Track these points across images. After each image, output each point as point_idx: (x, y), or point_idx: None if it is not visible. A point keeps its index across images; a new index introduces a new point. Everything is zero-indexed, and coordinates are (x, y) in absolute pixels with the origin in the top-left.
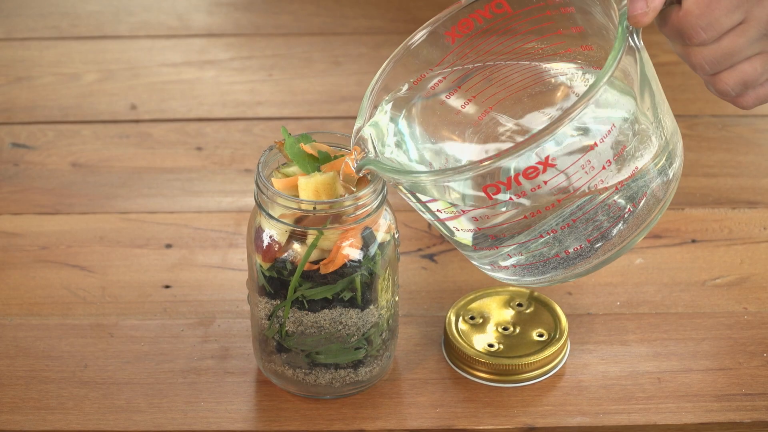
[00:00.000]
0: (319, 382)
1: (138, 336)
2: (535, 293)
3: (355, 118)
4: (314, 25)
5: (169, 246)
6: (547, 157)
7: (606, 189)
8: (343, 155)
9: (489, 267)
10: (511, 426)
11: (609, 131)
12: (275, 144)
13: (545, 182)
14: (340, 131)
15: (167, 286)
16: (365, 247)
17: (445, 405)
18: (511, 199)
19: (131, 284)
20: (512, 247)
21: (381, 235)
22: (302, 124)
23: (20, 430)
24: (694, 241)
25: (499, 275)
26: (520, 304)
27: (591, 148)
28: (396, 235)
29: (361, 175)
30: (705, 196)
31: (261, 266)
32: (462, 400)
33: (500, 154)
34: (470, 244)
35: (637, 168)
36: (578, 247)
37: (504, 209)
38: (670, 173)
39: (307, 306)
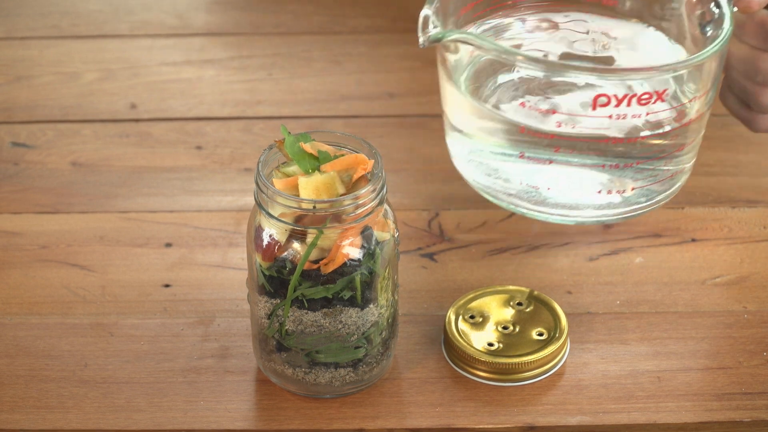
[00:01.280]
0: (318, 381)
1: (138, 335)
2: (535, 292)
3: (354, 116)
4: (314, 24)
5: (169, 245)
6: (664, 90)
7: (678, 143)
8: (343, 154)
9: (506, 183)
10: (511, 425)
11: (706, 91)
12: (275, 143)
13: (647, 113)
14: (340, 130)
15: (167, 286)
16: (365, 246)
17: (445, 404)
18: (610, 116)
19: (131, 283)
20: (563, 167)
21: (381, 234)
22: (302, 123)
23: (20, 429)
24: (693, 240)
25: (503, 196)
26: (519, 303)
27: (690, 100)
28: (396, 234)
29: (435, 44)
30: (705, 195)
31: (261, 265)
32: (462, 399)
33: (654, 68)
34: (518, 148)
35: (695, 139)
36: (621, 191)
37: (593, 125)
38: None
39: (306, 305)
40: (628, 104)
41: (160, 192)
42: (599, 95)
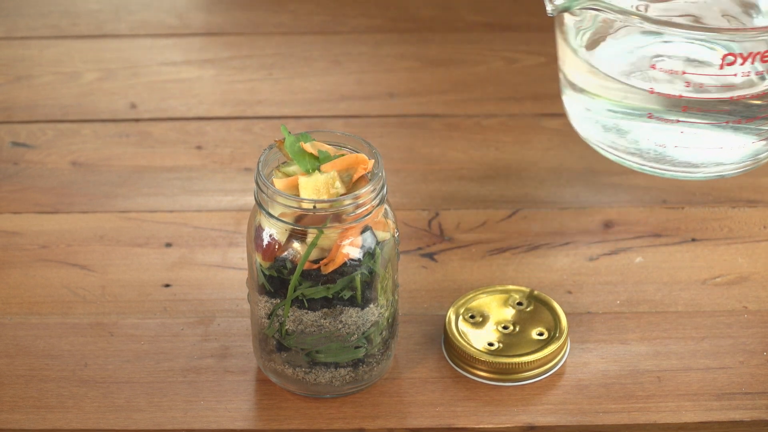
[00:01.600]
0: (319, 381)
1: (138, 335)
2: (535, 292)
3: (354, 116)
4: (314, 23)
5: (169, 245)
6: None
7: None
8: (343, 154)
9: (632, 143)
10: (511, 425)
11: None
12: (275, 143)
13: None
14: (340, 130)
15: (167, 285)
16: (365, 245)
17: (445, 404)
18: (735, 75)
19: (131, 283)
20: (694, 125)
21: (381, 234)
22: (302, 122)
23: (20, 429)
24: (694, 240)
25: (627, 154)
26: (519, 303)
27: None
28: (396, 234)
29: (563, 13)
30: (705, 194)
31: (261, 265)
32: (462, 399)
33: None
34: (647, 108)
35: None
36: (743, 146)
37: (719, 83)
38: None
39: (307, 305)
40: (753, 62)
41: (160, 192)
42: (727, 54)
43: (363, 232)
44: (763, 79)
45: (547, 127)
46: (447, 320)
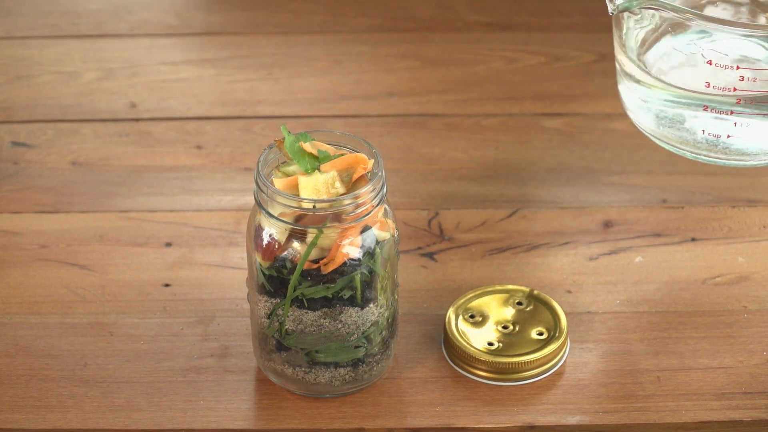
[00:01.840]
0: (318, 381)
1: (138, 334)
2: (535, 292)
3: (354, 116)
4: (314, 23)
5: (168, 245)
6: None
7: None
8: (343, 154)
9: (682, 132)
10: (511, 424)
11: None
12: (275, 142)
13: None
14: (340, 130)
15: (167, 285)
16: (365, 245)
17: (445, 403)
18: None
19: (131, 283)
20: (747, 118)
21: (380, 234)
22: (302, 122)
23: (20, 429)
24: (693, 239)
25: (676, 141)
26: (519, 303)
27: None
28: (395, 234)
29: (625, 12)
30: (705, 194)
31: (261, 265)
32: (462, 399)
33: None
34: (702, 102)
35: None
36: None
37: None
38: None
39: (306, 304)
40: None
41: (160, 191)
42: None
43: (363, 231)
44: None
45: (547, 127)
46: (447, 320)
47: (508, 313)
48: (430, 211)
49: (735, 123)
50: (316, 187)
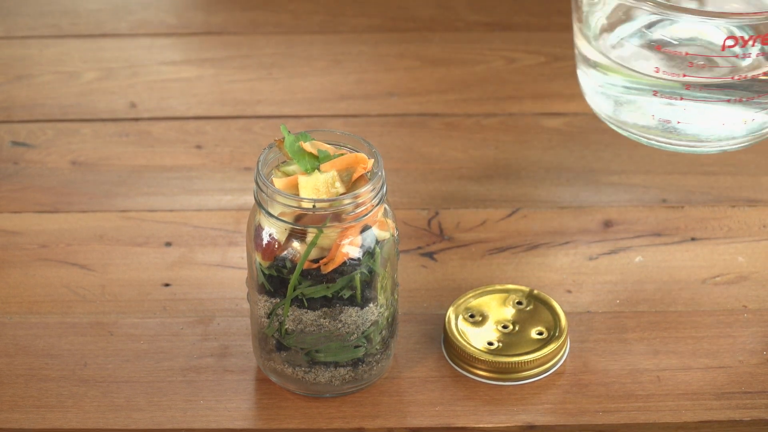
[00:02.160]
0: (318, 381)
1: (137, 334)
2: (535, 291)
3: (354, 116)
4: (314, 23)
5: (168, 244)
6: None
7: None
8: (343, 153)
9: (637, 115)
10: (511, 424)
11: None
12: (275, 142)
13: None
14: (340, 129)
15: (167, 285)
16: (365, 245)
17: (445, 403)
18: (737, 56)
19: (131, 282)
20: (697, 103)
21: (380, 234)
22: (302, 122)
23: (20, 429)
24: (693, 239)
25: (633, 128)
26: (519, 302)
27: None
28: (395, 234)
29: None
30: (704, 194)
31: (260, 264)
32: (461, 399)
33: None
34: (652, 86)
35: None
36: (741, 123)
37: (721, 64)
38: None
39: (306, 304)
40: (753, 44)
41: (160, 191)
42: (728, 37)
43: (362, 231)
44: (764, 58)
45: (547, 127)
46: (446, 319)
47: (508, 312)
48: (429, 211)
49: (685, 108)
50: (315, 186)
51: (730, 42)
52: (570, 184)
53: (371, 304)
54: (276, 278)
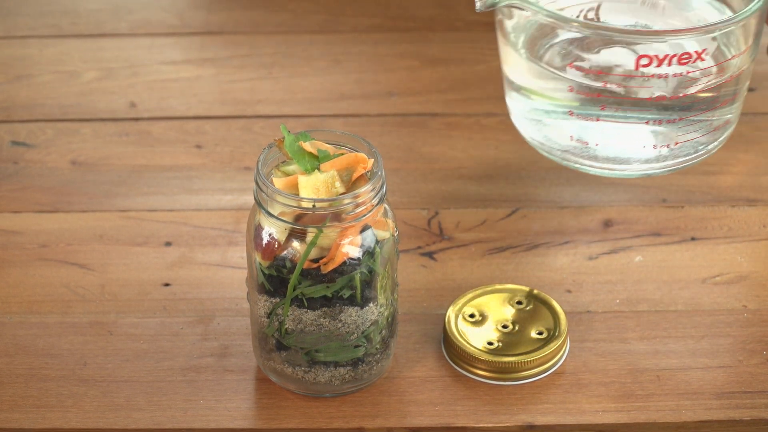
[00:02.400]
0: (318, 380)
1: (137, 334)
2: (535, 291)
3: (354, 115)
4: (314, 23)
5: (168, 244)
6: (704, 50)
7: (719, 101)
8: (343, 153)
9: (557, 137)
10: (511, 424)
11: (749, 47)
12: (275, 142)
13: (687, 72)
14: (340, 129)
15: (167, 284)
16: (364, 245)
17: (445, 403)
18: (652, 76)
19: (131, 282)
20: (611, 123)
21: (380, 233)
22: (302, 122)
23: (20, 428)
24: (693, 239)
25: (556, 150)
26: (519, 302)
27: (732, 57)
28: (395, 233)
29: (491, 9)
30: (704, 193)
31: (260, 264)
32: (461, 398)
33: (692, 29)
34: (568, 106)
35: (737, 94)
36: (663, 146)
37: (637, 84)
38: (741, 105)
39: (306, 304)
40: (669, 64)
41: (160, 191)
42: (641, 56)
43: (362, 231)
44: (682, 79)
45: None
46: (446, 319)
47: (508, 312)
48: (429, 211)
49: (602, 130)
50: (315, 186)
51: (644, 61)
52: (570, 183)
53: (371, 304)
54: (276, 278)
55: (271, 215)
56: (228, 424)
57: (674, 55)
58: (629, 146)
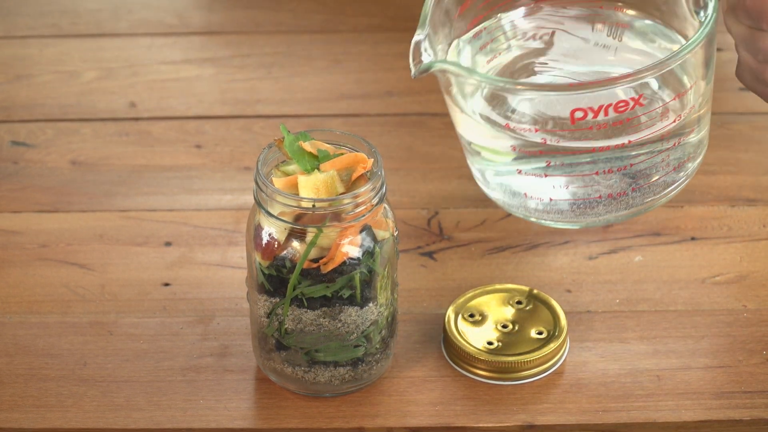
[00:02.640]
0: (318, 380)
1: (137, 334)
2: (534, 291)
3: (354, 115)
4: (314, 22)
5: (168, 244)
6: (640, 96)
7: (669, 142)
8: (343, 153)
9: (516, 197)
10: (511, 423)
11: (690, 87)
12: (275, 142)
13: (628, 119)
14: (340, 129)
15: (166, 284)
16: (364, 244)
17: (445, 403)
18: (591, 128)
19: (130, 282)
20: (559, 177)
21: (380, 233)
22: (302, 121)
23: (19, 428)
24: (693, 238)
25: (517, 206)
26: (519, 302)
27: (674, 98)
28: (395, 233)
29: (425, 74)
30: (704, 193)
31: (260, 264)
32: (461, 398)
33: (618, 78)
34: (514, 165)
35: (693, 129)
36: (621, 193)
37: (577, 136)
38: (705, 141)
39: (306, 304)
40: (605, 114)
41: (160, 191)
42: (575, 110)
43: (362, 231)
44: (627, 127)
45: None
46: (446, 319)
47: (508, 312)
48: (429, 211)
49: (553, 186)
50: (315, 186)
51: (578, 114)
52: None
53: (371, 304)
54: (276, 278)
55: (270, 215)
56: (228, 424)
57: (609, 105)
58: (584, 199)
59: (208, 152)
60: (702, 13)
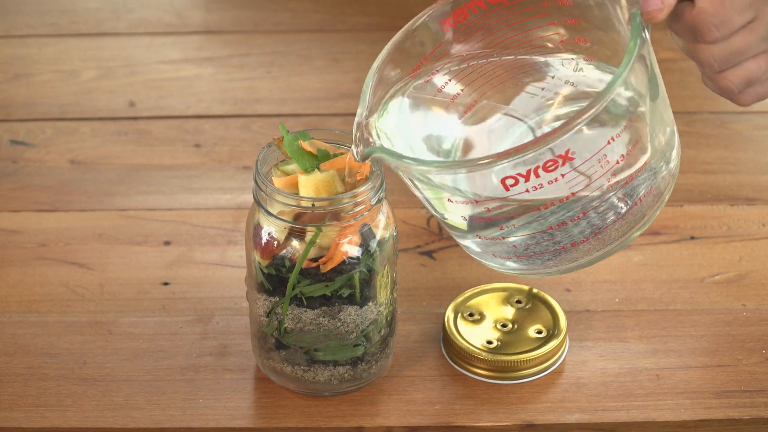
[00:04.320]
0: (317, 379)
1: (137, 333)
2: (534, 290)
3: (353, 114)
4: (313, 22)
5: (167, 243)
6: (567, 150)
7: (618, 183)
8: (343, 153)
9: (488, 256)
10: (510, 423)
11: (625, 126)
12: (274, 141)
13: (562, 175)
14: (339, 128)
15: (166, 284)
16: (364, 244)
17: (444, 402)
18: (527, 191)
19: (130, 281)
20: (517, 237)
21: (380, 232)
22: (301, 121)
23: (19, 428)
24: (692, 238)
25: (493, 264)
26: (518, 301)
27: (608, 142)
28: (394, 232)
29: (366, 162)
30: (704, 192)
31: (260, 263)
32: (461, 397)
33: (525, 146)
34: (472, 232)
35: (646, 162)
36: (583, 240)
37: (518, 200)
38: (672, 167)
39: (305, 303)
40: (537, 176)
41: (159, 190)
42: (505, 178)
43: (362, 230)
44: (561, 183)
45: None
46: (446, 318)
47: (507, 311)
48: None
49: (514, 245)
50: (315, 185)
51: (510, 182)
52: None
53: (370, 303)
54: (275, 277)
55: (270, 214)
56: (227, 423)
57: (537, 167)
58: (544, 254)
59: (207, 151)
60: (646, 32)
